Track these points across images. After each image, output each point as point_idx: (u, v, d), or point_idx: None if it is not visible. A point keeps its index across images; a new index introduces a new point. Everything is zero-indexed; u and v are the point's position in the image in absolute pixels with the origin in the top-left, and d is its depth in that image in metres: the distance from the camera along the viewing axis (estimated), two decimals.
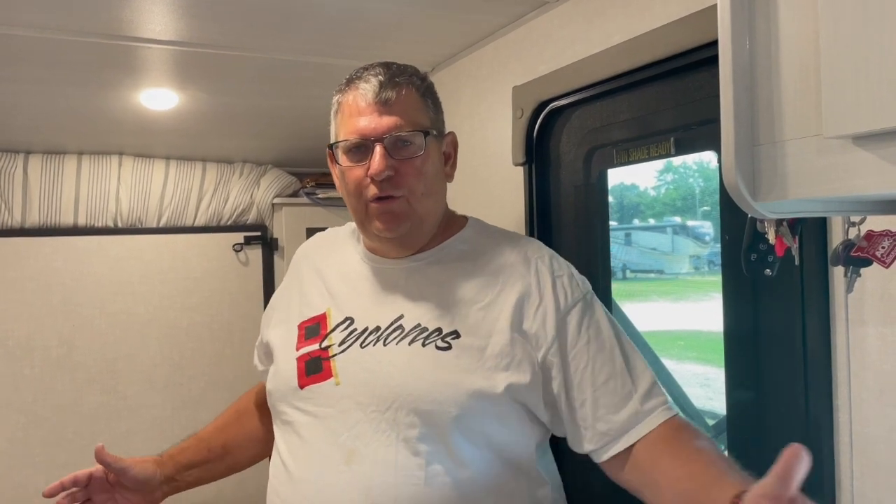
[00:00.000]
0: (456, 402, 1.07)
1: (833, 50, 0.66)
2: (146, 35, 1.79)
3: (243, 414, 1.43)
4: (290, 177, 2.94)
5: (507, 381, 1.08)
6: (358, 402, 1.11)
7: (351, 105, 1.14)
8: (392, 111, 1.11)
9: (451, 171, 1.25)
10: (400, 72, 1.15)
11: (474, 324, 1.12)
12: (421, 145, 1.13)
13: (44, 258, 2.59)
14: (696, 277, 10.79)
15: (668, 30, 1.33)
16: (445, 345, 1.11)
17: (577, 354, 1.11)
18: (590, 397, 1.09)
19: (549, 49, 1.69)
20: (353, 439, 1.09)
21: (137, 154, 2.72)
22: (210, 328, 2.83)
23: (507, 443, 1.12)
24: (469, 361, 1.09)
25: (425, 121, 1.15)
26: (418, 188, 1.13)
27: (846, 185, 0.69)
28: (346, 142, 1.14)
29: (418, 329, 1.13)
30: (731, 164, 0.77)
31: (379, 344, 1.14)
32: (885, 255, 0.86)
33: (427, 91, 1.18)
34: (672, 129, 1.42)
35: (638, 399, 1.08)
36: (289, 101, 2.43)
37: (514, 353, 1.10)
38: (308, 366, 1.17)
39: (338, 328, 1.18)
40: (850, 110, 0.65)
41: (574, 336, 1.12)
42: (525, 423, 1.13)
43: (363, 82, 1.13)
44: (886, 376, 1.04)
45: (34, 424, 2.57)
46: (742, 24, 0.76)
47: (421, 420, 1.07)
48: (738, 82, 0.76)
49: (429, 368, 1.10)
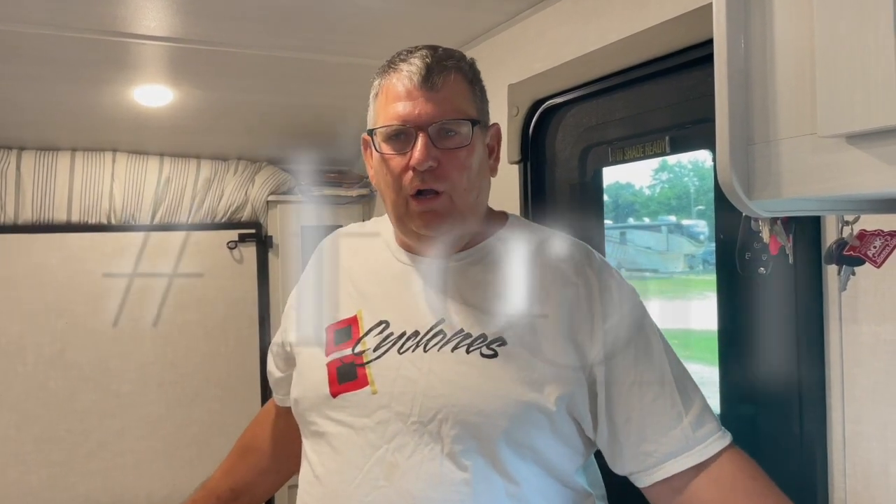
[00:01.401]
0: (505, 413, 1.00)
1: (828, 50, 0.67)
2: (140, 31, 1.78)
3: (248, 451, 1.38)
4: (284, 173, 2.93)
5: (556, 393, 1.01)
6: (397, 412, 1.02)
7: (394, 88, 1.04)
8: (438, 97, 1.02)
9: (495, 164, 1.15)
10: (448, 55, 1.06)
11: (521, 330, 1.04)
12: (467, 135, 1.04)
13: (37, 255, 2.57)
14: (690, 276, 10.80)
15: (663, 28, 1.33)
16: (491, 352, 1.03)
17: (623, 369, 1.04)
18: (635, 416, 1.03)
19: (545, 47, 1.69)
20: (393, 452, 1.01)
21: (131, 151, 2.71)
22: (204, 326, 2.82)
23: (556, 456, 1.04)
24: (517, 371, 1.02)
25: (472, 110, 1.06)
26: (462, 182, 1.04)
27: (840, 184, 0.70)
28: (387, 128, 1.04)
29: (461, 335, 1.05)
30: (726, 163, 0.78)
31: (419, 350, 1.05)
32: (876, 255, 0.87)
33: (475, 78, 1.10)
34: (667, 128, 1.42)
35: (689, 423, 1.01)
36: (284, 98, 2.43)
37: (564, 363, 1.03)
38: (340, 372, 1.09)
39: (371, 332, 1.10)
40: (844, 110, 0.66)
41: (621, 349, 1.05)
42: (574, 436, 1.05)
43: (407, 65, 1.04)
44: (879, 374, 1.04)
45: (27, 422, 2.56)
46: (737, 24, 0.76)
47: (468, 433, 1.00)
48: (734, 81, 0.77)
49: (475, 378, 1.02)
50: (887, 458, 1.03)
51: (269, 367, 1.31)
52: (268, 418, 1.38)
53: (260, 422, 1.39)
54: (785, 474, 1.18)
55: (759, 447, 1.25)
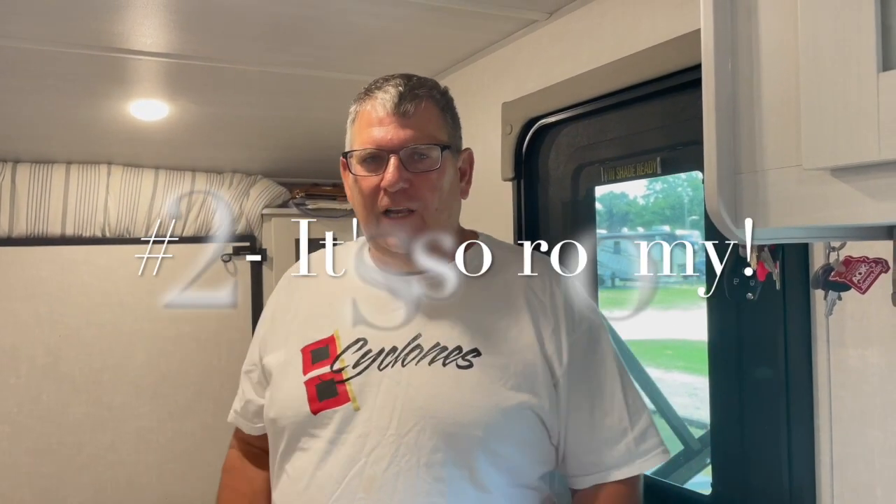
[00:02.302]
0: (480, 422, 1.04)
1: (812, 86, 0.68)
2: (137, 47, 1.79)
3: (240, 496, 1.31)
4: (279, 187, 2.94)
5: (530, 402, 1.07)
6: (377, 426, 1.06)
7: (368, 114, 1.11)
8: (410, 123, 1.09)
9: (466, 187, 1.21)
10: (420, 84, 1.13)
11: (494, 341, 1.10)
12: (437, 159, 1.10)
13: (31, 268, 2.58)
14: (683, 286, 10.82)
15: (654, 51, 1.35)
16: (467, 363, 1.08)
17: (580, 383, 1.11)
18: (586, 429, 1.11)
19: (538, 67, 1.70)
20: (371, 465, 1.05)
21: (126, 164, 2.71)
22: (197, 339, 2.82)
23: (527, 463, 1.10)
24: (491, 381, 1.07)
25: (443, 135, 1.13)
26: (432, 202, 1.10)
27: (824, 215, 0.71)
28: (362, 151, 1.10)
29: (438, 348, 1.10)
30: (713, 191, 0.79)
31: (397, 365, 1.10)
32: (861, 281, 0.88)
33: (446, 106, 1.16)
34: (658, 149, 1.44)
35: (633, 439, 1.10)
36: (279, 112, 2.44)
37: (536, 373, 1.09)
38: (320, 390, 1.11)
39: (349, 349, 1.13)
40: (828, 144, 0.67)
41: (580, 363, 1.12)
42: (543, 443, 1.11)
43: (382, 92, 1.10)
44: (866, 397, 1.05)
45: (19, 434, 2.56)
46: (725, 55, 0.78)
47: (445, 443, 1.04)
48: (721, 111, 0.78)
49: (451, 389, 1.07)
50: (874, 481, 1.05)
51: (249, 395, 1.29)
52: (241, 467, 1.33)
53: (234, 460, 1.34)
54: (774, 495, 1.19)
55: (749, 467, 1.26)
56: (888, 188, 0.65)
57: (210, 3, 1.54)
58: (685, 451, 2.84)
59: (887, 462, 1.03)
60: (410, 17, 1.66)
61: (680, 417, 2.99)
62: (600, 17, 1.51)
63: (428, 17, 1.66)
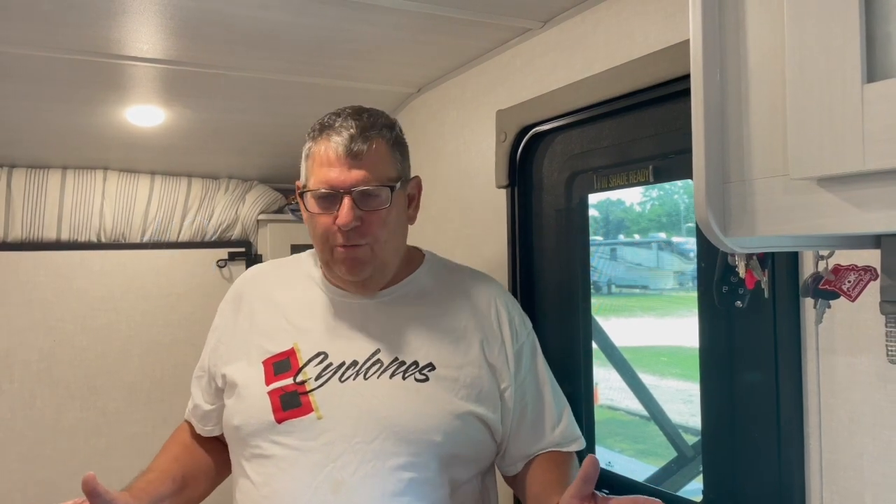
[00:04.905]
0: (439, 429, 1.16)
1: (798, 96, 0.69)
2: (133, 53, 1.80)
3: (191, 447, 1.40)
4: (275, 193, 2.95)
5: (478, 409, 1.20)
6: (342, 434, 1.15)
7: (322, 155, 1.18)
8: (361, 165, 1.16)
9: (413, 213, 1.30)
10: (371, 124, 1.19)
11: (447, 356, 1.22)
12: (387, 198, 1.18)
13: (26, 273, 2.58)
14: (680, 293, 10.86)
15: (647, 60, 1.36)
16: (423, 377, 1.19)
17: (522, 389, 1.26)
18: (524, 429, 1.27)
19: (532, 75, 1.71)
20: (339, 470, 1.13)
21: (122, 169, 2.72)
22: (193, 344, 2.80)
23: (474, 461, 1.24)
24: (445, 391, 1.19)
25: (392, 172, 1.21)
26: (382, 236, 1.19)
27: (811, 224, 0.72)
28: (316, 191, 1.18)
29: (397, 363, 1.20)
30: (702, 200, 0.80)
31: (359, 378, 1.19)
32: (850, 289, 0.89)
33: (396, 142, 1.23)
34: (651, 157, 1.45)
35: (559, 433, 1.28)
36: (275, 119, 2.44)
37: (483, 384, 1.22)
38: (283, 400, 1.18)
39: (311, 362, 1.21)
40: (813, 154, 0.68)
41: (523, 372, 1.27)
42: (488, 442, 1.25)
43: (335, 134, 1.17)
44: (855, 405, 1.06)
45: (12, 440, 2.55)
46: (713, 65, 0.79)
47: (406, 449, 1.14)
48: (709, 121, 0.79)
49: (412, 401, 1.17)
50: (863, 488, 1.05)
51: (197, 400, 1.38)
52: (193, 434, 1.41)
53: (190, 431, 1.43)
54: (765, 502, 1.20)
55: (739, 474, 1.26)
56: (873, 198, 0.65)
57: (206, 10, 1.55)
58: (678, 459, 2.84)
59: (876, 469, 1.04)
60: (405, 24, 1.66)
61: (674, 424, 2.99)
62: (593, 27, 1.52)
63: (422, 25, 1.67)
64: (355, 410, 1.16)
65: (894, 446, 1.02)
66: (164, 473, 1.31)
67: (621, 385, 3.49)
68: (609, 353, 3.16)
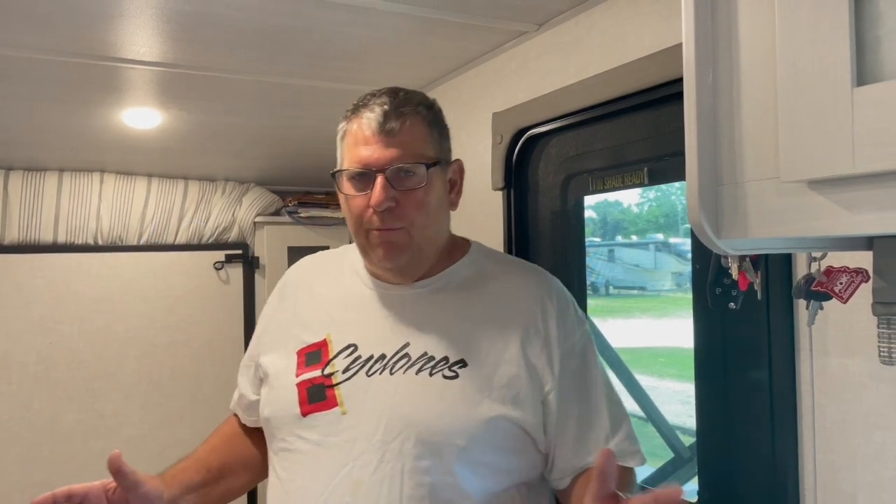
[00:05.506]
0: (463, 432, 1.06)
1: (789, 99, 0.70)
2: (130, 56, 1.80)
3: (233, 437, 1.37)
4: (272, 195, 2.95)
5: (513, 413, 1.09)
6: (363, 431, 1.09)
7: (355, 134, 1.13)
8: (395, 142, 1.10)
9: (455, 198, 1.22)
10: (406, 101, 1.13)
11: (481, 352, 1.12)
12: (423, 177, 1.11)
13: (23, 275, 2.58)
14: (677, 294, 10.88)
15: (641, 64, 1.36)
16: (452, 374, 1.10)
17: (569, 394, 1.13)
18: (569, 437, 1.12)
19: (528, 77, 1.72)
20: (358, 469, 1.07)
21: (119, 171, 2.72)
22: (190, 346, 2.83)
23: (510, 471, 1.11)
24: (476, 391, 1.09)
25: (429, 151, 1.14)
26: (419, 220, 1.12)
27: (802, 227, 0.72)
28: (349, 170, 1.13)
29: (425, 358, 1.12)
30: (695, 203, 0.80)
31: (385, 372, 1.12)
32: (842, 291, 0.90)
33: (434, 120, 1.17)
34: (645, 160, 1.45)
35: (613, 444, 1.12)
36: (272, 121, 2.45)
37: (521, 385, 1.10)
38: (310, 393, 1.14)
39: (340, 354, 1.16)
40: (805, 157, 0.68)
41: (570, 375, 1.13)
42: (530, 451, 1.13)
43: (368, 111, 1.12)
44: (848, 405, 1.07)
45: (9, 442, 2.55)
46: (705, 67, 0.79)
47: (427, 451, 1.06)
48: (702, 124, 0.80)
49: (436, 399, 1.09)
50: (857, 488, 1.06)
51: (243, 390, 1.33)
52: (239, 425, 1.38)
53: (235, 423, 1.39)
54: (759, 503, 1.20)
55: (734, 474, 1.27)
56: (864, 200, 0.66)
57: (203, 14, 1.56)
58: (675, 460, 2.84)
59: (869, 469, 1.04)
60: (401, 27, 1.67)
61: (670, 426, 3.00)
62: (588, 30, 1.53)
63: (418, 28, 1.68)
64: (379, 407, 1.09)
65: (887, 446, 1.03)
66: (199, 462, 1.29)
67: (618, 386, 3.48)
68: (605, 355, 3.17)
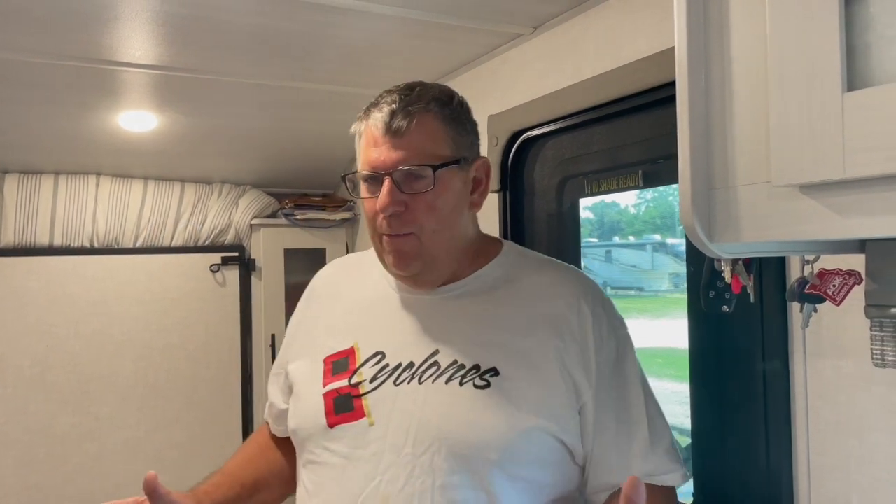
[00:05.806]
0: (496, 445, 1.00)
1: (780, 104, 0.70)
2: (125, 59, 1.80)
3: (267, 449, 1.31)
4: (268, 197, 2.95)
5: (549, 424, 1.03)
6: (392, 443, 1.03)
7: (367, 135, 1.08)
8: (402, 143, 1.04)
9: (479, 199, 1.14)
10: (418, 97, 1.06)
11: (514, 360, 1.05)
12: (431, 180, 1.04)
13: (18, 278, 2.57)
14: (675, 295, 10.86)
15: (635, 67, 1.37)
16: (484, 383, 1.03)
17: (606, 405, 1.06)
18: (610, 451, 1.06)
19: (524, 80, 1.72)
20: (387, 484, 1.01)
21: (115, 174, 2.72)
22: (186, 349, 2.82)
23: (548, 485, 1.05)
24: (509, 401, 1.02)
25: (443, 150, 1.06)
26: (429, 225, 1.06)
27: (794, 231, 0.72)
28: (361, 173, 1.08)
29: (455, 366, 1.05)
30: (688, 207, 0.80)
31: (414, 382, 1.06)
32: (835, 293, 0.90)
33: (451, 116, 1.09)
34: (640, 162, 1.46)
35: (653, 460, 1.05)
36: (268, 123, 2.45)
37: (556, 394, 1.04)
38: (337, 403, 1.09)
39: (368, 363, 1.10)
40: (795, 161, 0.69)
41: (607, 385, 1.07)
42: (567, 464, 1.06)
43: (377, 111, 1.06)
44: (842, 407, 1.07)
45: (5, 445, 2.54)
46: (698, 71, 0.80)
47: (459, 465, 1.00)
48: (695, 128, 0.80)
49: (466, 410, 1.02)
50: (850, 490, 1.06)
51: (273, 398, 1.28)
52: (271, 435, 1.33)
53: (267, 432, 1.33)
54: (752, 503, 1.21)
55: (728, 476, 1.27)
56: (854, 204, 0.66)
57: (199, 16, 1.56)
58: None
59: (863, 471, 1.05)
60: (397, 30, 1.67)
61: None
62: (583, 33, 1.53)
63: (414, 31, 1.68)
64: (407, 418, 1.03)
65: (881, 448, 1.03)
66: (233, 478, 1.23)
67: None
68: None
